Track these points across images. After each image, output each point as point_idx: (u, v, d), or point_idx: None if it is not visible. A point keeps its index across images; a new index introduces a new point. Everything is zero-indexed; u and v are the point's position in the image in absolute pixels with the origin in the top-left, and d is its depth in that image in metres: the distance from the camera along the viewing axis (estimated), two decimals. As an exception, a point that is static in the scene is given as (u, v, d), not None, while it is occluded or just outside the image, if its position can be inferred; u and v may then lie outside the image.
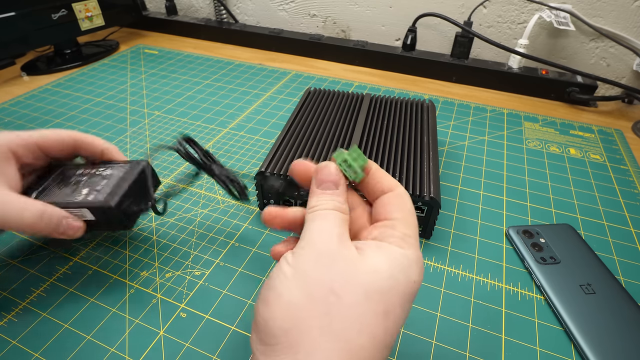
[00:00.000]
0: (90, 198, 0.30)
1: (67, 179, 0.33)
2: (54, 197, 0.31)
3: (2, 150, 0.30)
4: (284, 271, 0.20)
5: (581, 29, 0.64)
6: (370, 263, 0.20)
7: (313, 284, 0.19)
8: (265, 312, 0.19)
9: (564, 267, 0.34)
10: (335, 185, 0.23)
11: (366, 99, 0.48)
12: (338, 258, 0.20)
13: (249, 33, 0.80)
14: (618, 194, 0.44)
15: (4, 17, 0.61)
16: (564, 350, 0.29)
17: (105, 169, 0.33)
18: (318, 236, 0.21)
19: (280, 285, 0.20)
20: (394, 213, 0.23)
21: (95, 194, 0.30)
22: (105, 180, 0.32)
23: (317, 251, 0.20)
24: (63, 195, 0.31)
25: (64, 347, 0.29)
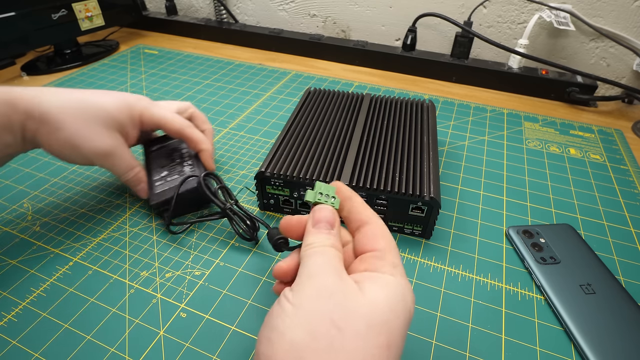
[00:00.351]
0: (155, 189, 0.39)
1: (168, 156, 0.42)
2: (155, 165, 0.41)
3: (135, 121, 0.38)
4: (285, 309, 0.20)
5: (581, 29, 0.64)
6: (368, 295, 0.20)
7: (315, 319, 0.19)
8: (269, 352, 0.19)
9: (564, 267, 0.34)
10: (332, 226, 0.24)
11: (366, 99, 0.48)
12: (337, 292, 0.20)
13: (249, 33, 0.80)
14: (618, 194, 0.44)
15: (4, 17, 0.61)
16: (564, 350, 0.29)
17: (184, 167, 0.40)
18: (317, 271, 0.21)
19: (282, 324, 0.20)
20: (380, 243, 0.23)
21: (157, 190, 0.39)
22: (184, 163, 0.41)
23: (317, 286, 0.21)
24: (157, 167, 0.41)
25: (64, 347, 0.29)
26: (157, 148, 0.43)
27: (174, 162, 0.41)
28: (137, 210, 0.41)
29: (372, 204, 0.36)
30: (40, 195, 0.42)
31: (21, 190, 0.43)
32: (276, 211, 0.40)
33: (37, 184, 0.44)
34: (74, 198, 0.42)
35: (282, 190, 0.38)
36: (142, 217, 0.40)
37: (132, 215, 0.40)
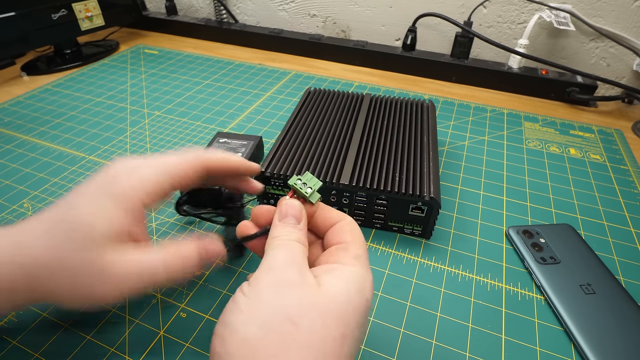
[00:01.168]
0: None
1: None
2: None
3: (138, 212, 0.24)
4: (239, 304, 0.20)
5: (581, 29, 0.64)
6: (326, 288, 0.20)
7: (270, 314, 0.19)
8: (221, 350, 0.19)
9: (564, 267, 0.34)
10: (297, 220, 0.24)
11: (366, 99, 0.48)
12: (296, 286, 0.20)
13: (249, 33, 0.79)
14: (618, 194, 0.44)
15: (4, 17, 0.61)
16: (564, 350, 0.29)
17: (229, 143, 0.43)
18: (278, 264, 0.21)
19: (236, 321, 0.19)
20: (346, 236, 0.24)
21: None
22: None
23: (277, 279, 0.20)
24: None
25: (64, 347, 0.29)
26: (224, 141, 0.45)
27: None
28: (137, 210, 0.41)
29: (372, 204, 0.36)
30: (40, 195, 0.42)
31: (21, 190, 0.43)
32: (276, 211, 0.40)
33: (37, 184, 0.44)
34: (74, 198, 0.42)
35: (282, 191, 0.38)
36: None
37: (132, 215, 0.40)
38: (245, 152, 0.43)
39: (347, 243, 0.23)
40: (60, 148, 0.50)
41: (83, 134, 0.53)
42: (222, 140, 0.46)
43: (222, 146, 0.44)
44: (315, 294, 0.20)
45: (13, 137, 0.52)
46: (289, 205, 0.24)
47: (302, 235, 0.23)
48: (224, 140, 0.46)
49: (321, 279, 0.21)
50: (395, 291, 0.33)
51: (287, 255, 0.22)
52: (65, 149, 0.50)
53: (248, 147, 0.44)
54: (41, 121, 0.56)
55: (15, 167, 0.47)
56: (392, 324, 0.31)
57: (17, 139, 0.52)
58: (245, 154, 0.43)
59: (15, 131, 0.53)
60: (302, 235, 0.23)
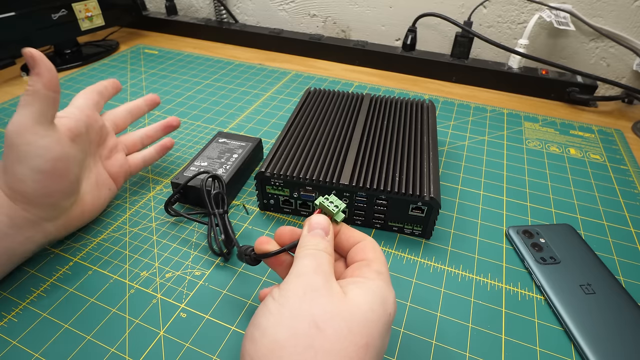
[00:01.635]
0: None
1: (222, 152, 0.44)
2: None
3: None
4: (269, 308, 0.21)
5: (581, 29, 0.64)
6: (351, 298, 0.21)
7: (297, 318, 0.20)
8: (252, 350, 0.20)
9: (564, 267, 0.34)
10: (325, 232, 0.25)
11: (366, 99, 0.48)
12: (322, 292, 0.21)
13: (249, 33, 0.80)
14: (618, 194, 0.44)
15: (4, 17, 0.61)
16: (564, 350, 0.29)
17: (219, 167, 0.42)
18: (305, 271, 0.22)
19: (266, 322, 0.21)
20: (369, 254, 0.25)
21: (184, 172, 0.41)
22: (223, 167, 0.42)
23: (304, 284, 0.22)
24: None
25: (64, 347, 0.29)
26: (222, 142, 0.45)
27: (219, 160, 0.42)
28: (137, 210, 0.41)
29: (372, 204, 0.36)
30: (40, 195, 0.42)
31: (21, 190, 0.43)
32: (276, 211, 0.40)
33: (37, 184, 0.44)
34: (74, 198, 0.42)
35: (282, 191, 0.38)
36: (142, 217, 0.40)
37: (132, 215, 0.40)
38: (242, 154, 0.43)
39: (369, 260, 0.24)
40: (60, 148, 0.50)
41: (83, 134, 0.53)
42: (222, 140, 0.45)
43: (221, 146, 0.44)
44: (341, 302, 0.21)
45: (13, 137, 0.52)
46: (318, 219, 0.26)
47: (329, 246, 0.24)
48: (223, 140, 0.45)
49: (346, 289, 0.22)
50: (396, 291, 0.33)
51: (314, 263, 0.23)
52: (65, 149, 0.50)
53: (246, 149, 0.44)
54: (41, 121, 0.56)
55: (15, 167, 0.47)
56: (392, 324, 0.31)
57: (17, 139, 0.52)
58: (242, 155, 0.43)
59: (15, 131, 0.53)
60: (329, 246, 0.24)
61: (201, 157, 0.42)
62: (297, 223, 0.39)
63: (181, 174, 0.40)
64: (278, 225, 0.39)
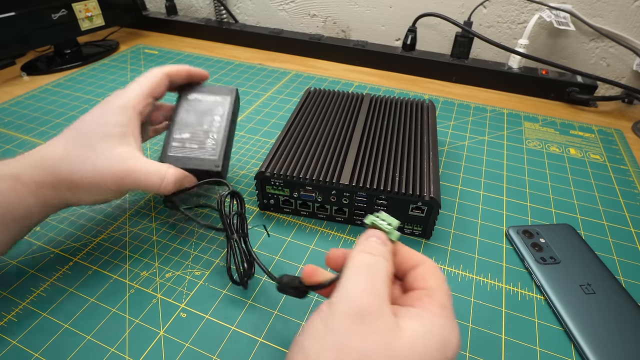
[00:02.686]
0: (201, 158, 0.36)
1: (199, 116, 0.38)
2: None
3: (132, 114, 0.33)
4: (316, 329, 0.19)
5: (581, 29, 0.64)
6: (407, 335, 0.19)
7: (343, 350, 0.18)
8: None
9: (564, 267, 0.34)
10: (383, 241, 0.23)
11: (366, 99, 0.48)
12: (374, 323, 0.19)
13: (249, 33, 0.80)
14: (618, 194, 0.44)
15: (4, 17, 0.61)
16: (564, 350, 0.29)
17: (207, 139, 0.37)
18: (358, 290, 0.20)
19: (310, 348, 0.19)
20: (430, 282, 0.22)
21: (204, 155, 0.36)
22: (210, 136, 0.37)
23: (355, 309, 0.19)
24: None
25: (64, 347, 0.29)
26: (194, 99, 0.38)
27: (201, 126, 0.37)
28: (137, 210, 0.41)
29: (372, 204, 0.36)
30: (40, 195, 0.42)
31: (21, 190, 0.43)
32: (276, 211, 0.40)
33: (37, 184, 0.44)
34: (74, 198, 0.42)
35: (282, 190, 0.38)
36: (142, 217, 0.40)
37: (132, 215, 0.40)
38: (225, 114, 0.38)
39: (431, 290, 0.21)
40: (60, 148, 0.50)
41: (83, 134, 0.53)
42: (192, 96, 0.38)
43: (194, 105, 0.38)
44: (395, 339, 0.18)
45: (13, 137, 0.52)
46: (375, 230, 0.24)
47: (387, 253, 0.22)
48: (194, 96, 0.38)
49: (402, 322, 0.19)
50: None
51: (367, 282, 0.20)
52: (65, 149, 0.50)
53: (226, 105, 0.38)
54: (41, 121, 0.56)
55: (15, 167, 0.47)
56: None
57: (17, 139, 0.52)
58: (226, 116, 0.38)
59: (15, 131, 0.53)
60: (387, 253, 0.22)
61: (178, 126, 0.37)
62: (297, 223, 0.39)
63: (166, 155, 0.35)
64: (278, 225, 0.39)
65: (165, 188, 0.32)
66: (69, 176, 0.29)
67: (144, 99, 0.34)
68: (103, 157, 0.30)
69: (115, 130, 0.31)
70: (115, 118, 0.32)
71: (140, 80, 0.35)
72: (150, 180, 0.31)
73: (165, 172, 0.32)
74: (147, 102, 0.34)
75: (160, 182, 0.32)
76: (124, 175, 0.30)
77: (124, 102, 0.33)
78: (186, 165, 0.35)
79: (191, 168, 0.35)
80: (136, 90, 0.34)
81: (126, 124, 0.32)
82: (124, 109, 0.32)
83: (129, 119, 0.32)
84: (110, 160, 0.30)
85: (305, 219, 0.40)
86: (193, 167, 0.35)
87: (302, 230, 0.39)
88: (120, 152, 0.31)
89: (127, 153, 0.31)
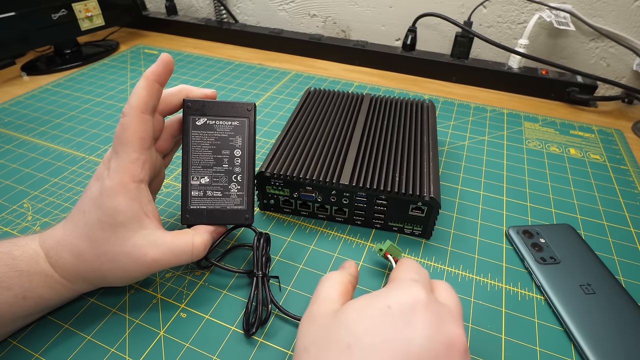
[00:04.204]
0: (228, 210, 0.32)
1: (214, 149, 0.32)
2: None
3: (133, 188, 0.27)
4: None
5: (581, 29, 0.64)
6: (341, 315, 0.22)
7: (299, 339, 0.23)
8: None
9: (564, 267, 0.34)
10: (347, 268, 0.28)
11: (366, 99, 0.48)
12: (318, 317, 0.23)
13: (249, 33, 0.79)
14: (618, 194, 0.44)
15: (4, 17, 0.61)
16: (564, 350, 0.29)
17: (231, 183, 0.32)
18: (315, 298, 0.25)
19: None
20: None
21: (232, 205, 0.32)
22: (234, 178, 0.32)
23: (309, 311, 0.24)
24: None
25: (64, 347, 0.29)
26: (204, 125, 0.32)
27: (220, 165, 0.32)
28: (137, 210, 0.41)
29: (372, 204, 0.36)
30: (40, 196, 0.42)
31: (21, 190, 0.43)
32: (276, 211, 0.40)
33: (37, 184, 0.44)
34: (74, 198, 0.42)
35: (282, 191, 0.38)
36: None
37: (132, 215, 0.40)
38: (245, 144, 0.32)
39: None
40: (60, 148, 0.50)
41: (83, 134, 0.53)
42: (201, 121, 0.32)
43: (206, 134, 0.32)
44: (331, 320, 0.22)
45: (13, 137, 0.52)
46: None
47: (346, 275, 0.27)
48: (203, 121, 0.32)
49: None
50: (395, 291, 0.33)
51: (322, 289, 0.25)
52: (65, 149, 0.50)
53: (244, 131, 0.32)
54: (41, 121, 0.56)
55: (15, 167, 0.47)
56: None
57: (17, 139, 0.52)
58: (247, 147, 0.32)
59: (15, 131, 0.53)
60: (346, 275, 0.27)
61: (194, 168, 0.32)
62: (297, 223, 0.39)
63: (188, 209, 0.31)
64: (278, 225, 0.39)
65: (198, 257, 0.30)
66: (95, 275, 0.28)
67: (138, 163, 0.27)
68: (122, 255, 0.27)
69: (121, 218, 0.27)
70: (117, 204, 0.26)
71: (122, 138, 0.27)
72: (178, 260, 0.29)
73: (192, 243, 0.29)
74: (143, 160, 0.28)
75: (191, 256, 0.29)
76: (148, 267, 0.28)
77: (119, 178, 0.27)
78: (212, 221, 0.32)
79: (218, 223, 0.32)
80: (126, 156, 0.27)
81: (131, 205, 0.27)
82: (122, 188, 0.27)
83: (132, 197, 0.27)
84: (130, 256, 0.27)
85: (305, 219, 0.40)
86: (221, 222, 0.32)
87: (302, 230, 0.39)
88: (136, 242, 0.27)
89: (145, 239, 0.27)
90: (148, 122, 0.28)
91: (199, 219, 0.32)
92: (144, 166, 0.28)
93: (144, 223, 0.27)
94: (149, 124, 0.28)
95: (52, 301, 0.28)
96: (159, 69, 0.28)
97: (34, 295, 0.27)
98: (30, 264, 0.27)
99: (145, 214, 0.28)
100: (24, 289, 0.26)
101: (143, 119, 0.28)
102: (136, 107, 0.27)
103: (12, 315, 0.26)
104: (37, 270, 0.27)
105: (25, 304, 0.27)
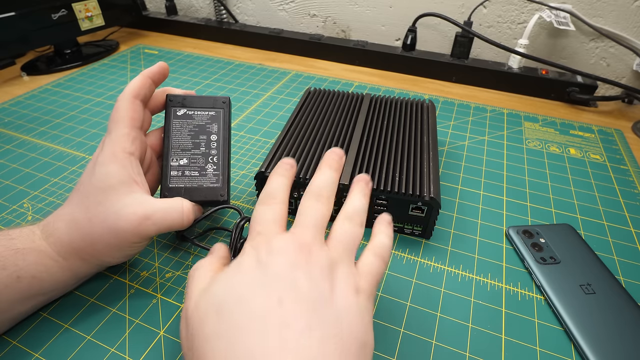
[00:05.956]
0: (204, 187, 0.34)
1: (193, 135, 0.35)
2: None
3: (123, 157, 0.29)
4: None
5: (581, 29, 0.64)
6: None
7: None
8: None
9: (564, 267, 0.34)
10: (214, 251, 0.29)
11: (366, 99, 0.48)
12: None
13: (249, 33, 0.80)
14: (618, 194, 0.44)
15: (4, 17, 0.61)
16: (564, 350, 0.29)
17: (207, 164, 0.34)
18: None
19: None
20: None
21: (208, 184, 0.34)
22: (210, 160, 0.34)
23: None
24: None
25: (64, 347, 0.29)
26: (184, 115, 0.35)
27: (198, 148, 0.34)
28: (137, 210, 0.41)
29: (372, 204, 0.36)
30: (40, 195, 0.42)
31: (21, 190, 0.43)
32: (276, 211, 0.40)
33: (37, 184, 0.44)
34: (74, 198, 0.42)
35: (282, 190, 0.38)
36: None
37: (132, 215, 0.40)
38: (220, 130, 0.35)
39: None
40: (60, 148, 0.50)
41: (83, 134, 0.53)
42: (181, 111, 0.35)
43: (185, 122, 0.35)
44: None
45: (13, 137, 0.52)
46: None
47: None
48: (183, 111, 0.35)
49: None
50: (395, 291, 0.33)
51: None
52: (65, 149, 0.50)
53: (220, 120, 0.35)
54: (41, 121, 0.56)
55: (15, 167, 0.47)
56: (392, 324, 0.31)
57: (17, 139, 0.52)
58: (222, 133, 0.35)
59: (15, 131, 0.53)
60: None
61: (173, 151, 0.34)
62: (297, 223, 0.39)
63: (167, 187, 0.33)
64: (278, 225, 0.39)
65: (188, 221, 0.31)
66: (87, 243, 0.28)
67: (128, 137, 0.30)
68: (112, 214, 0.28)
69: (112, 181, 0.28)
70: (107, 169, 0.28)
71: (115, 117, 0.30)
72: (171, 218, 0.29)
73: (182, 205, 0.30)
74: (133, 136, 0.30)
75: (182, 218, 0.30)
76: (139, 224, 0.28)
77: (111, 149, 0.29)
78: (190, 197, 0.33)
79: (195, 200, 0.33)
80: (118, 131, 0.30)
81: (121, 171, 0.29)
82: (113, 157, 0.29)
83: (122, 165, 0.29)
84: (119, 214, 0.28)
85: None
86: (197, 198, 0.33)
87: (302, 230, 0.39)
88: (126, 202, 0.28)
89: (135, 200, 0.28)
90: (139, 106, 0.32)
91: (177, 195, 0.33)
92: (134, 142, 0.30)
93: (133, 188, 0.29)
94: (140, 108, 0.32)
95: (45, 282, 0.28)
96: (155, 70, 0.33)
97: (27, 275, 0.27)
98: (25, 242, 0.28)
99: (135, 181, 0.29)
100: (18, 268, 0.27)
101: (134, 103, 0.31)
102: (129, 93, 0.31)
103: (7, 297, 0.27)
104: (32, 247, 0.28)
105: (19, 285, 0.27)
